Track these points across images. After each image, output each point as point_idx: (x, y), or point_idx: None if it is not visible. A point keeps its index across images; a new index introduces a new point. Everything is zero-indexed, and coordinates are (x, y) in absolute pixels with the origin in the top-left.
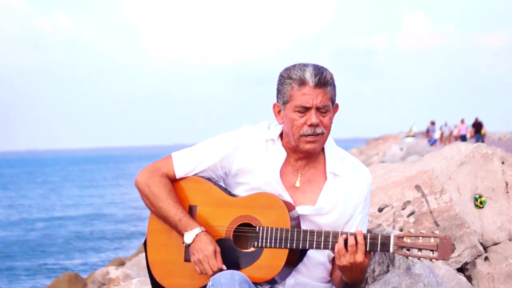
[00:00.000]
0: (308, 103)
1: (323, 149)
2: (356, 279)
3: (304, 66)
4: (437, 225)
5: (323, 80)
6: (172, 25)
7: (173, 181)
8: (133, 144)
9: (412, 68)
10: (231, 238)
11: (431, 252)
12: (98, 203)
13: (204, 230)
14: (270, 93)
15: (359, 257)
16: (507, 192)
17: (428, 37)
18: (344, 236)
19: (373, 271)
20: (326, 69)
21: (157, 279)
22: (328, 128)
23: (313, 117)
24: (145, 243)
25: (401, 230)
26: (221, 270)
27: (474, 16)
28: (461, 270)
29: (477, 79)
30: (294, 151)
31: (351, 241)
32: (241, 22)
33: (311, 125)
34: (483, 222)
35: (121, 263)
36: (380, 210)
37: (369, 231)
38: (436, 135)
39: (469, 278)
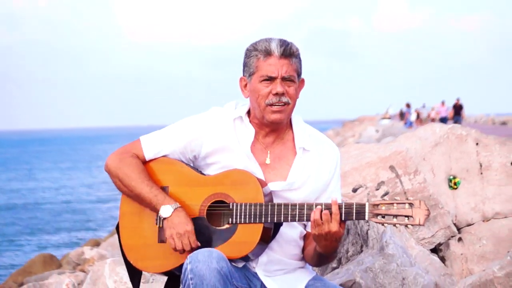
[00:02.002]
0: (273, 72)
1: (291, 125)
2: (330, 248)
3: (270, 38)
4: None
5: (289, 51)
6: (148, 5)
7: (143, 163)
8: (108, 124)
9: (388, 50)
10: (205, 216)
11: (406, 218)
12: (73, 184)
13: (181, 206)
14: None
15: (334, 226)
16: (481, 173)
17: (404, 19)
18: (320, 207)
19: (347, 251)
20: (292, 42)
21: (131, 262)
22: (293, 99)
23: (278, 86)
24: (117, 227)
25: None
26: (197, 248)
27: None
28: (434, 250)
29: (454, 62)
30: (261, 126)
31: (326, 211)
32: (217, 3)
33: (276, 94)
34: (457, 203)
35: (96, 244)
36: (354, 190)
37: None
38: (412, 117)
39: (442, 259)
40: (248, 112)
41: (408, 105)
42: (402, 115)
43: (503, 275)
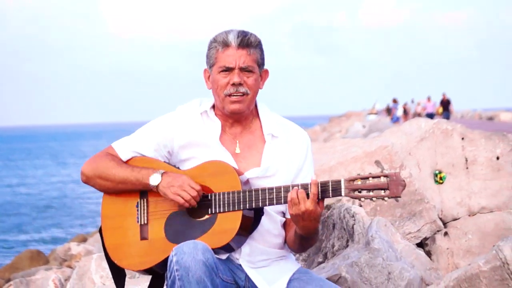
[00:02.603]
0: (231, 63)
1: (257, 114)
2: (309, 229)
3: (229, 30)
4: (397, 200)
5: (247, 41)
6: (132, 0)
7: None
8: (95, 121)
9: (374, 45)
10: (185, 209)
11: (383, 191)
12: (60, 180)
13: (165, 171)
14: None
15: (311, 205)
16: (467, 168)
17: (390, 14)
18: (297, 188)
19: (333, 246)
20: (252, 34)
21: (115, 262)
22: (252, 89)
23: (235, 77)
24: (100, 230)
25: (360, 206)
26: (200, 192)
27: None
28: (420, 245)
29: (440, 57)
30: (225, 118)
31: (301, 190)
32: None
33: (233, 84)
34: (443, 197)
35: (83, 240)
36: None
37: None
38: (399, 112)
39: (428, 253)
40: (213, 106)
41: (395, 101)
42: (388, 111)
43: (489, 269)
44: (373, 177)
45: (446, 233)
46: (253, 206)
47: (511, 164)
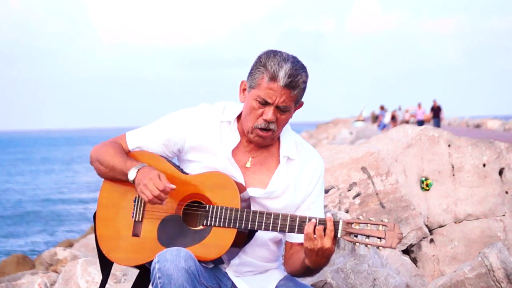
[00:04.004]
0: (270, 99)
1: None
2: (320, 264)
3: (284, 61)
4: (383, 206)
5: (295, 83)
6: (122, 6)
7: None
8: (83, 126)
9: (362, 52)
10: (181, 215)
11: (379, 240)
12: (46, 185)
13: (146, 165)
14: (219, 75)
15: (327, 242)
16: (453, 175)
17: (378, 21)
18: (314, 221)
19: None
20: (302, 71)
21: (104, 252)
22: (281, 126)
23: (270, 113)
24: (94, 216)
25: (346, 211)
26: (165, 191)
27: (424, 0)
28: (406, 252)
29: (428, 64)
30: (246, 136)
31: (319, 226)
32: (191, 4)
33: (265, 119)
34: (429, 204)
35: (69, 245)
36: (326, 191)
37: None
38: (386, 119)
39: (414, 260)
40: (238, 117)
41: (382, 108)
42: (375, 118)
43: (474, 276)
44: (372, 224)
45: (432, 240)
46: (248, 227)
47: (497, 171)
